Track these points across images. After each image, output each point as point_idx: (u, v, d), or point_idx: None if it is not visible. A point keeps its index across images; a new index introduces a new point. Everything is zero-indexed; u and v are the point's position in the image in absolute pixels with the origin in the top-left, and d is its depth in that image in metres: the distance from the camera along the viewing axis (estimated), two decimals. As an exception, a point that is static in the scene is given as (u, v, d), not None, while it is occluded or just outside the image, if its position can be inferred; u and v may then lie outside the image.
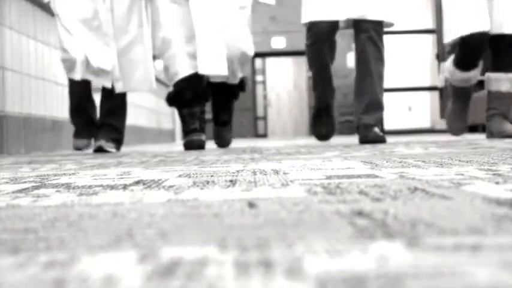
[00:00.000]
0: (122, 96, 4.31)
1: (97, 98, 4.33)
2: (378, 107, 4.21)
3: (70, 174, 1.62)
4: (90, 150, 4.26)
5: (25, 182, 1.39)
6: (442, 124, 12.59)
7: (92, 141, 4.23)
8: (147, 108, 9.51)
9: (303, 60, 17.51)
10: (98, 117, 4.28)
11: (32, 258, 0.52)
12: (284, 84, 17.89)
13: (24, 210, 0.86)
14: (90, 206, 0.88)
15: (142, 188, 1.13)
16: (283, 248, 0.53)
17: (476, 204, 0.75)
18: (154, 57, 4.52)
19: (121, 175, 1.53)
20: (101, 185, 1.23)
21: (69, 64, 3.97)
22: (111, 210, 0.82)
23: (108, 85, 4.08)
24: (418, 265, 0.45)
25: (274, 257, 0.49)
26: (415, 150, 2.65)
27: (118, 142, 4.32)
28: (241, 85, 4.49)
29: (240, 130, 17.07)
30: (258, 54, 17.46)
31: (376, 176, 1.23)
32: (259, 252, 0.52)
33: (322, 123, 4.42)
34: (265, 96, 17.84)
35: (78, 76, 3.97)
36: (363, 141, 4.00)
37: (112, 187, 1.18)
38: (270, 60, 17.76)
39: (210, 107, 4.62)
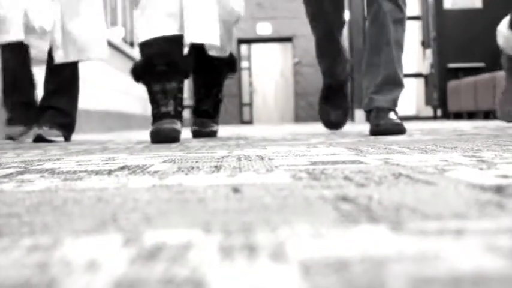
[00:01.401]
0: (72, 71, 3.48)
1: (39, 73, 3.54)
2: (396, 84, 3.11)
3: (54, 160, 1.62)
4: (29, 140, 3.49)
5: (9, 168, 1.38)
6: (427, 111, 12.64)
7: (33, 128, 3.40)
8: (133, 95, 9.48)
9: (289, 47, 17.50)
10: (38, 98, 3.48)
11: (15, 242, 0.52)
12: (270, 70, 17.88)
13: (7, 195, 0.85)
14: (75, 191, 0.87)
15: (127, 174, 1.13)
16: (268, 233, 0.53)
17: (460, 190, 0.76)
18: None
19: (106, 161, 1.52)
20: (86, 171, 1.23)
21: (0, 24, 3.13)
22: (96, 195, 0.82)
23: (45, 48, 3.30)
24: (402, 249, 0.45)
25: (259, 241, 0.49)
26: (400, 137, 2.66)
27: (66, 128, 3.45)
28: (231, 63, 3.38)
29: (225, 116, 17.06)
30: (243, 41, 17.45)
31: (361, 162, 1.23)
32: (243, 236, 0.52)
33: (331, 106, 3.65)
34: (250, 83, 17.82)
35: (11, 37, 3.13)
36: (375, 131, 2.95)
37: (97, 172, 1.18)
38: (255, 47, 17.73)
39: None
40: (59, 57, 3.32)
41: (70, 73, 3.46)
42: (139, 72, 2.97)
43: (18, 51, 3.31)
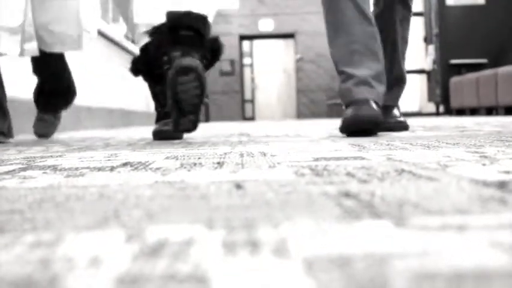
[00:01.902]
0: (60, 57, 3.37)
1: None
2: (399, 82, 3.01)
3: (57, 157, 1.62)
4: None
5: (11, 164, 1.38)
6: (429, 107, 12.63)
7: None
8: (135, 91, 9.48)
9: (291, 43, 17.49)
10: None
11: (18, 239, 0.52)
12: (272, 67, 17.87)
13: (10, 192, 0.85)
14: (77, 188, 0.87)
15: (130, 170, 1.13)
16: (270, 229, 0.53)
17: (463, 186, 0.76)
18: None
19: (108, 157, 1.52)
20: (88, 167, 1.23)
21: None
22: (98, 192, 0.82)
23: (14, 51, 3.02)
24: (405, 245, 0.45)
25: (261, 237, 0.49)
26: (403, 133, 2.65)
27: (67, 98, 3.50)
28: (215, 46, 2.54)
29: (227, 113, 17.07)
30: (245, 37, 17.45)
31: (364, 158, 1.23)
32: (246, 232, 0.51)
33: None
34: (252, 79, 17.82)
35: None
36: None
37: (99, 169, 1.18)
38: (257, 43, 17.72)
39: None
40: (31, 51, 3.10)
41: (58, 56, 3.34)
42: (140, 67, 2.67)
43: None
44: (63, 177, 1.03)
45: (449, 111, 11.25)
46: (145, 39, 2.63)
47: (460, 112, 10.71)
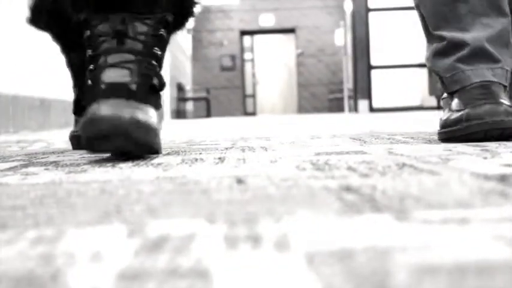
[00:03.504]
0: None
1: None
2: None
3: (58, 153, 1.62)
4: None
5: (13, 161, 1.38)
6: (431, 101, 12.63)
7: None
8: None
9: (292, 38, 17.48)
10: None
11: (20, 234, 0.52)
12: (273, 62, 17.86)
13: (12, 188, 0.85)
14: (79, 183, 0.87)
15: (131, 166, 1.13)
16: (272, 223, 0.53)
17: (464, 179, 0.76)
18: None
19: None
20: (90, 163, 1.23)
21: None
22: (100, 187, 0.82)
23: None
24: (406, 239, 0.45)
25: (263, 231, 0.49)
26: (404, 127, 2.66)
27: None
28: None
29: (229, 108, 17.06)
30: (246, 32, 17.43)
31: (365, 153, 1.23)
32: (247, 227, 0.52)
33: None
34: (253, 74, 17.81)
35: None
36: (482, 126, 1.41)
37: (100, 165, 1.18)
38: (258, 38, 17.71)
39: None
40: None
41: None
42: (45, 18, 1.66)
43: None
44: (65, 174, 1.03)
45: (450, 105, 11.23)
46: None
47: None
